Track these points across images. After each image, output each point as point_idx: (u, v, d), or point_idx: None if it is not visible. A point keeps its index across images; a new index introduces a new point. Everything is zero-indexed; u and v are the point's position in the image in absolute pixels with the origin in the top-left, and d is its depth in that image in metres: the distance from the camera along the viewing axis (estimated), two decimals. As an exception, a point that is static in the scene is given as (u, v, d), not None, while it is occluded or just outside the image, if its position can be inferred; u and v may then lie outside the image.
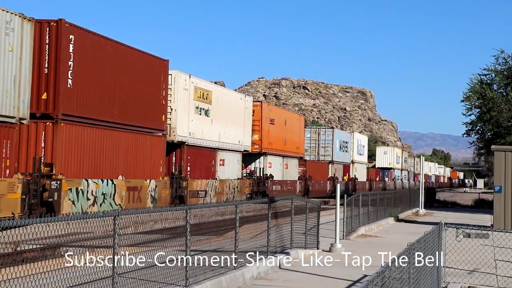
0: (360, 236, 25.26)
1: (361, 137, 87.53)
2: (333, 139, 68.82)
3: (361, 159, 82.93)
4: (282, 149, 53.44)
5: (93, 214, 9.80)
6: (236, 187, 42.76)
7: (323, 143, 68.65)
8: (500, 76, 47.88)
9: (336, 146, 69.39)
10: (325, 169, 67.29)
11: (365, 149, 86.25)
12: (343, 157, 72.86)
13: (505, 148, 28.84)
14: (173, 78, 34.95)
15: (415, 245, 9.98)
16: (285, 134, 54.82)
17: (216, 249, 14.79)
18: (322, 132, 69.55)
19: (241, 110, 45.25)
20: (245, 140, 45.57)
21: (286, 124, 55.62)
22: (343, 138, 74.10)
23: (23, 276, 8.87)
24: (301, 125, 62.21)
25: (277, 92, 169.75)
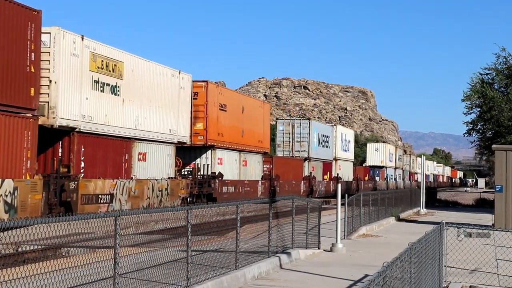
0: (361, 236, 25.25)
1: (345, 131, 78.70)
2: (310, 132, 60.09)
3: (346, 156, 74.72)
4: (238, 142, 44.86)
5: (94, 215, 9.80)
6: (164, 188, 33.60)
7: (298, 136, 59.76)
8: (501, 75, 47.86)
9: (314, 141, 61.00)
10: (298, 167, 58.46)
11: (351, 145, 78.28)
12: (323, 153, 64.91)
13: (506, 148, 28.83)
14: (52, 38, 25.91)
15: (416, 245, 9.97)
16: (243, 124, 45.95)
17: (217, 249, 14.79)
18: (296, 124, 60.32)
19: (174, 90, 35.68)
20: (180, 129, 36.49)
21: (245, 111, 46.56)
22: (323, 131, 65.58)
23: (24, 277, 8.87)
24: (266, 114, 52.64)
25: (277, 92, 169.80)
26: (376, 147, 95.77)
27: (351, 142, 78.56)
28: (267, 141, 52.69)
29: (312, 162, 61.29)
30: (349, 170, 76.49)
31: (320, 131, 63.63)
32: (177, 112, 36.03)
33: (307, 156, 60.01)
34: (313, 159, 61.23)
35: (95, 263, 10.26)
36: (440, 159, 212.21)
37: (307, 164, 60.18)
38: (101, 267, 10.17)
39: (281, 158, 56.76)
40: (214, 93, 41.48)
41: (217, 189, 40.16)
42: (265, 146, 51.75)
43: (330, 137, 67.84)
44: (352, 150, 78.52)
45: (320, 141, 63.19)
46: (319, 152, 63.05)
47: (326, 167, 66.43)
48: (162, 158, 34.46)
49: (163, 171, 34.42)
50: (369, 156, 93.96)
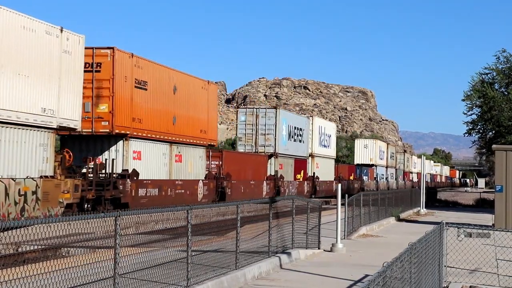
0: (361, 236, 25.25)
1: (325, 123, 68.87)
2: (278, 123, 51.33)
3: (325, 153, 65.73)
4: (167, 131, 35.03)
5: (94, 215, 9.80)
6: (31, 192, 24.01)
7: (262, 128, 51.05)
8: (501, 75, 47.86)
9: (282, 134, 52.40)
10: (261, 165, 49.25)
11: (332, 140, 69.09)
12: (295, 148, 56.24)
13: (506, 148, 28.84)
14: None
15: (417, 245, 9.98)
16: (175, 108, 36.09)
17: (217, 249, 14.79)
18: (261, 113, 51.45)
19: (52, 54, 26.00)
20: (64, 109, 26.65)
21: (178, 92, 36.45)
22: (295, 123, 56.63)
23: (24, 277, 8.88)
24: (212, 98, 42.03)
25: (278, 92, 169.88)
26: (365, 144, 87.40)
27: (332, 137, 69.44)
28: (214, 131, 42.20)
29: (280, 159, 52.60)
30: (330, 169, 67.89)
31: (291, 122, 55.06)
32: (57, 85, 26.13)
33: (274, 152, 51.27)
34: (281, 156, 52.69)
35: (95, 263, 10.26)
36: (440, 159, 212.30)
37: (273, 161, 51.55)
38: (101, 267, 10.17)
39: (234, 154, 48.11)
40: (126, 64, 31.72)
41: (129, 192, 30.69)
42: (211, 138, 41.33)
43: (305, 130, 59.02)
44: (333, 146, 69.73)
45: (291, 134, 54.76)
46: (289, 147, 54.53)
47: (299, 165, 57.51)
48: (29, 148, 24.74)
49: (31, 168, 24.73)
50: (357, 153, 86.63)
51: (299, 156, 57.72)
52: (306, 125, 59.65)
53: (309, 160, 61.01)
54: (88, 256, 11.14)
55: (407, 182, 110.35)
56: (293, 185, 55.10)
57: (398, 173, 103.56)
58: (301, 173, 58.07)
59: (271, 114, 51.33)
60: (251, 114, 51.53)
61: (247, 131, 51.14)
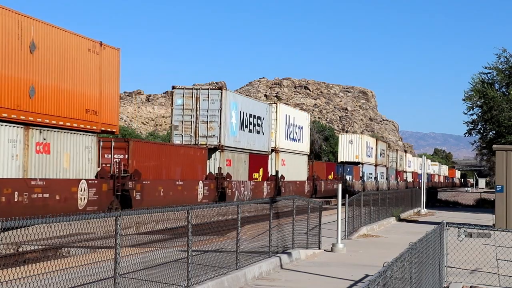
0: (361, 236, 25.25)
1: (294, 113, 58.29)
2: (224, 108, 41.14)
3: (294, 147, 55.98)
4: (16, 106, 23.91)
5: (94, 215, 9.80)
6: None
7: (204, 115, 41.11)
8: (502, 75, 47.86)
9: (232, 122, 42.63)
10: (196, 160, 38.28)
11: (304, 133, 59.13)
12: (251, 141, 46.02)
13: (507, 148, 28.85)
14: None
15: (417, 245, 9.98)
16: (34, 75, 24.93)
17: (217, 249, 14.79)
18: (203, 95, 41.15)
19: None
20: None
21: (39, 51, 25.12)
22: (252, 109, 46.40)
23: (25, 277, 8.87)
24: (108, 67, 30.15)
25: (278, 92, 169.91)
26: (350, 139, 78.86)
27: (305, 129, 59.28)
28: (112, 113, 30.79)
29: (228, 154, 42.31)
30: (301, 167, 57.80)
31: (244, 108, 45.15)
32: None
33: (218, 144, 41.16)
34: (229, 149, 42.48)
35: (95, 263, 10.26)
36: (440, 159, 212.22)
37: (217, 155, 41.37)
38: (102, 267, 10.17)
39: (149, 145, 35.91)
40: None
41: None
42: (106, 122, 30.22)
43: (266, 119, 49.08)
44: (306, 140, 59.78)
45: (244, 123, 44.92)
46: (242, 139, 44.54)
47: (257, 161, 47.32)
48: None
49: None
50: (341, 150, 78.20)
51: (257, 151, 47.34)
52: (267, 113, 49.42)
53: (272, 156, 51.16)
54: (89, 256, 11.13)
55: (400, 182, 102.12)
56: (247, 186, 44.64)
57: (389, 172, 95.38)
58: (259, 171, 47.60)
59: (215, 97, 41.23)
60: (189, 96, 41.31)
61: (184, 118, 41.25)
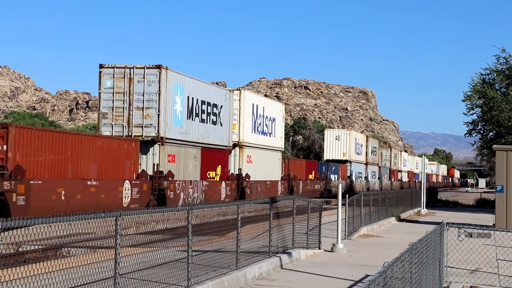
0: (362, 236, 25.25)
1: (264, 102, 50.48)
2: (164, 92, 34.12)
3: (264, 142, 48.83)
4: None
5: (94, 215, 9.80)
6: None
7: (139, 99, 34.13)
8: (501, 75, 47.88)
9: (174, 108, 35.37)
10: (123, 155, 30.88)
11: (277, 126, 52.12)
12: (205, 133, 38.85)
13: (507, 148, 28.85)
14: None
15: (417, 245, 9.97)
16: None
17: (218, 249, 14.79)
18: (137, 76, 34.10)
19: None
20: None
21: None
22: (202, 95, 38.55)
23: (25, 277, 8.88)
24: None
25: (278, 92, 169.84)
26: (337, 135, 72.12)
27: (278, 122, 52.53)
28: None
29: (170, 147, 35.21)
30: (273, 165, 50.96)
31: (194, 93, 37.67)
32: None
33: (157, 136, 33.98)
34: (172, 142, 35.32)
35: (95, 263, 10.26)
36: (440, 159, 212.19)
37: (156, 150, 34.23)
38: (102, 267, 10.17)
39: (40, 132, 26.16)
40: None
41: None
42: None
43: (226, 108, 41.95)
44: (280, 134, 53.06)
45: (195, 111, 37.81)
46: (192, 130, 37.39)
47: (213, 157, 39.99)
48: None
49: None
50: (327, 147, 72.15)
51: (214, 145, 40.25)
52: (226, 100, 41.99)
53: (235, 151, 44.31)
54: (89, 256, 11.14)
55: (395, 182, 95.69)
56: (197, 187, 37.72)
57: (382, 172, 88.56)
58: (216, 169, 40.76)
59: (153, 77, 34.09)
60: (121, 77, 34.26)
61: (115, 104, 34.30)
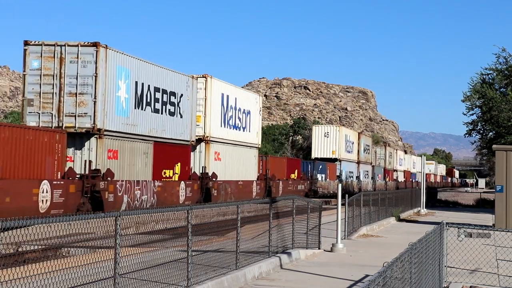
0: (361, 236, 25.25)
1: (236, 92, 44.04)
2: (101, 74, 28.46)
3: (237, 137, 43.61)
4: None
5: (94, 215, 9.80)
6: None
7: (71, 83, 28.69)
8: (501, 75, 47.88)
9: (117, 95, 29.64)
10: (43, 150, 25.13)
11: (253, 120, 46.82)
12: (158, 125, 33.36)
13: (507, 148, 28.86)
14: None
15: (417, 245, 9.98)
16: None
17: (217, 249, 14.78)
18: (69, 55, 28.73)
19: None
20: None
21: None
22: (156, 80, 32.94)
23: (24, 277, 8.87)
24: None
25: (278, 92, 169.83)
26: (326, 131, 67.19)
27: (254, 115, 47.35)
28: None
29: (112, 141, 29.48)
30: (248, 163, 45.39)
31: (144, 78, 31.90)
32: None
33: (92, 127, 28.33)
34: (114, 135, 29.66)
35: (95, 263, 10.26)
36: (440, 159, 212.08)
37: (93, 144, 28.53)
38: (102, 267, 10.17)
39: None
40: None
41: None
42: None
43: (187, 97, 36.07)
44: (256, 129, 47.68)
45: (146, 99, 32.18)
46: (141, 121, 31.72)
47: (171, 154, 34.74)
48: None
49: None
50: (315, 144, 67.35)
51: (172, 140, 34.90)
52: (188, 88, 36.23)
53: (200, 147, 38.89)
54: (89, 256, 11.13)
55: (390, 181, 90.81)
56: (148, 188, 31.65)
57: (376, 171, 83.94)
58: (175, 168, 35.25)
59: (89, 57, 28.47)
60: (50, 56, 28.75)
61: (43, 89, 28.73)
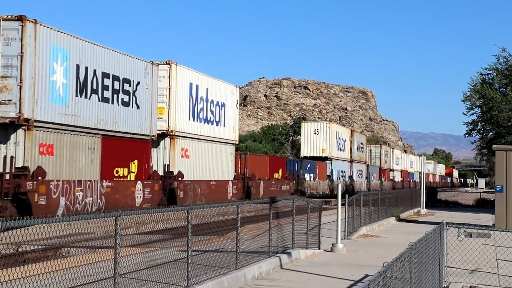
0: (361, 236, 25.25)
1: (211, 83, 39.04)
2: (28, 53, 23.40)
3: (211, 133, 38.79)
4: None
5: (94, 215, 9.80)
6: None
7: None
8: (501, 75, 47.86)
9: (52, 80, 24.84)
10: None
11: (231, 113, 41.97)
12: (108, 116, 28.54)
13: (507, 148, 28.85)
14: None
15: (417, 245, 9.98)
16: None
17: (217, 249, 14.78)
18: None
19: None
20: None
21: None
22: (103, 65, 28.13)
23: (24, 277, 8.88)
24: None
25: (278, 92, 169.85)
26: (316, 128, 62.92)
27: (230, 108, 42.12)
28: None
29: (45, 134, 24.43)
30: (223, 161, 40.95)
31: (88, 61, 27.08)
32: None
33: (18, 117, 23.43)
34: (48, 126, 24.70)
35: (95, 263, 10.26)
36: (440, 159, 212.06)
37: (20, 137, 23.65)
38: (102, 267, 10.18)
39: None
40: None
41: None
42: None
43: (145, 85, 31.71)
44: (233, 124, 42.86)
45: (91, 85, 27.33)
46: (84, 111, 26.82)
47: (126, 150, 30.10)
48: None
49: None
50: (304, 142, 63.66)
51: (126, 134, 30.29)
52: (146, 76, 31.92)
53: (164, 143, 34.46)
54: (88, 256, 11.13)
55: (386, 181, 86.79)
56: (92, 189, 26.73)
57: (371, 171, 79.88)
58: (130, 166, 30.67)
59: (14, 34, 23.55)
60: None
61: None
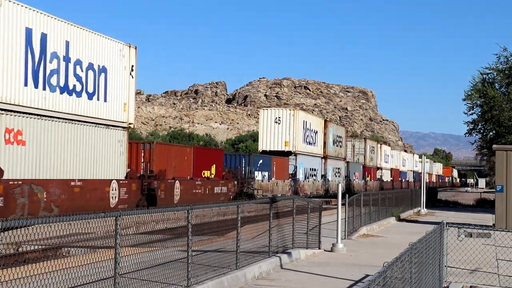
0: (361, 236, 25.25)
1: (80, 35, 28.12)
2: None
3: (82, 109, 28.59)
4: None
5: (94, 215, 9.80)
6: None
7: None
8: (502, 75, 47.85)
9: None
10: None
11: (116, 84, 31.39)
12: None
13: (507, 148, 28.85)
14: None
15: (417, 245, 9.98)
16: None
17: (217, 249, 14.79)
18: None
19: None
20: None
21: None
22: None
23: (25, 277, 8.88)
24: None
25: (278, 92, 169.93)
26: (277, 116, 52.04)
27: (115, 76, 31.84)
28: None
29: None
30: (105, 152, 30.85)
31: None
32: None
33: None
34: None
35: (95, 263, 10.26)
36: (440, 159, 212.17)
37: None
38: (102, 267, 10.18)
39: None
40: None
41: None
42: None
43: None
44: (124, 99, 33.09)
45: None
46: None
47: None
48: None
49: None
50: (263, 133, 52.49)
51: None
52: None
53: None
54: (89, 256, 11.14)
55: (371, 181, 77.31)
56: None
57: (352, 169, 69.83)
58: None
59: None
60: None
61: None
